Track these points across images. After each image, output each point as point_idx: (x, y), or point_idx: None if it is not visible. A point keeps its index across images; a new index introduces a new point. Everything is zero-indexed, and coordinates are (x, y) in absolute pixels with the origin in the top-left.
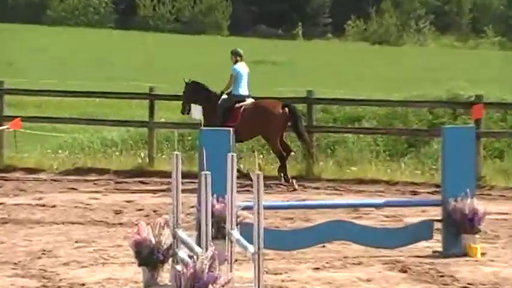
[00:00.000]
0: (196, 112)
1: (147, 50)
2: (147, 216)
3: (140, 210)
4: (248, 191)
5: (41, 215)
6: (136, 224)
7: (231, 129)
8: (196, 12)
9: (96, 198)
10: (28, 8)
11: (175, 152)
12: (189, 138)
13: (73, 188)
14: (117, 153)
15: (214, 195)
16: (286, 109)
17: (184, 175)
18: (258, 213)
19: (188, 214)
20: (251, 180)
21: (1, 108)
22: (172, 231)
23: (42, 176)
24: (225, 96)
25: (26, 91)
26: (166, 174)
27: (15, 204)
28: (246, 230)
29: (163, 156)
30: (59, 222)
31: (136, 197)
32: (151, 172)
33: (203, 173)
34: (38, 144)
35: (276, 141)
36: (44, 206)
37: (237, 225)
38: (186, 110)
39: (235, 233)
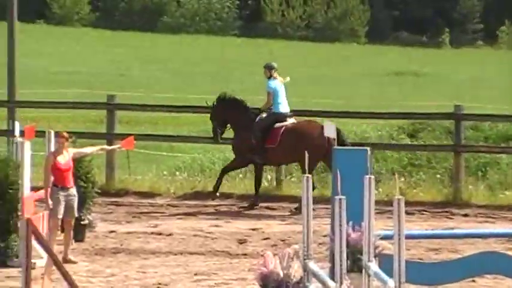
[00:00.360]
0: (330, 130)
1: (275, 59)
2: (274, 246)
3: (266, 239)
4: (388, 217)
5: (157, 244)
6: (262, 255)
7: (367, 148)
8: (330, 17)
9: (218, 226)
10: (143, 14)
11: (306, 175)
12: None
13: (192, 214)
14: (240, 175)
15: (350, 223)
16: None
17: (316, 200)
18: (399, 243)
19: (320, 244)
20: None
21: (112, 125)
22: (303, 263)
23: (157, 200)
24: (263, 114)
25: (140, 106)
26: (296, 199)
27: (128, 232)
28: (386, 262)
29: (293, 179)
30: (176, 252)
31: (262, 224)
32: (279, 197)
33: (337, 197)
34: (153, 165)
35: (311, 167)
36: (159, 234)
37: (375, 256)
38: (218, 134)
39: (373, 266)
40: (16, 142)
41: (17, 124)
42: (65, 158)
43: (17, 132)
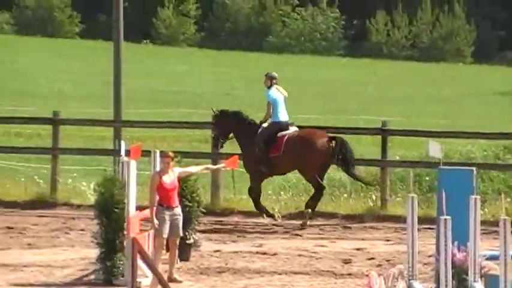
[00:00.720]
0: (435, 149)
1: (380, 79)
2: (379, 266)
3: (371, 259)
4: (494, 238)
5: (261, 264)
6: (367, 275)
7: (473, 168)
8: (435, 37)
9: (323, 246)
10: (248, 34)
11: (411, 194)
12: (427, 178)
13: (297, 234)
14: (345, 195)
15: (455, 243)
16: (333, 142)
17: (421, 220)
18: (505, 263)
19: (425, 264)
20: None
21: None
22: (408, 283)
23: (262, 220)
24: (265, 125)
25: None
26: (401, 219)
27: (233, 252)
28: (492, 283)
29: (398, 199)
30: (281, 272)
31: (367, 244)
32: (383, 216)
33: (442, 217)
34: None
35: (313, 173)
36: (264, 253)
37: (481, 277)
38: (219, 145)
39: (479, 286)
40: (122, 161)
41: (122, 143)
42: (170, 178)
43: (122, 152)
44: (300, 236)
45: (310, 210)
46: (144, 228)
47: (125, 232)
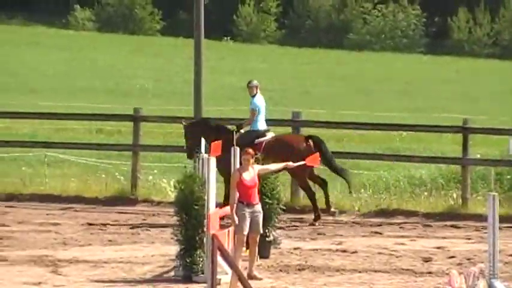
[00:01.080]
0: None
1: (461, 77)
2: (459, 264)
3: (452, 257)
4: None
5: (341, 262)
6: (447, 274)
7: None
8: None
9: (403, 244)
10: (329, 31)
11: (492, 193)
12: (508, 177)
13: (377, 232)
14: (426, 193)
15: None
16: (311, 142)
17: (502, 219)
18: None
19: (506, 263)
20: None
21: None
22: (488, 282)
23: (342, 218)
24: (242, 131)
25: (324, 123)
26: (482, 218)
27: (313, 249)
28: None
29: (479, 198)
30: (361, 270)
31: (448, 242)
32: (464, 215)
33: None
34: (338, 182)
35: (303, 176)
36: (344, 251)
37: None
38: (195, 152)
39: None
40: (202, 158)
41: (203, 141)
42: (250, 175)
43: (202, 149)
44: (380, 233)
45: (332, 208)
46: (223, 226)
47: (205, 229)
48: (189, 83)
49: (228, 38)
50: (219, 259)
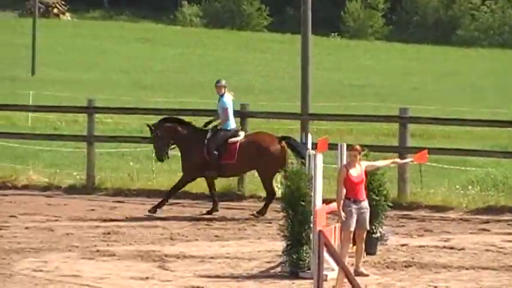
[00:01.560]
0: None
1: None
2: None
3: None
4: None
5: (448, 259)
6: None
7: None
8: None
9: (511, 241)
10: (436, 27)
11: None
12: None
13: (484, 229)
14: None
15: None
16: (284, 143)
17: None
18: None
19: None
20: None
21: (404, 138)
22: None
23: (449, 214)
24: (213, 131)
25: (432, 119)
26: None
27: (420, 246)
28: None
29: None
30: (468, 267)
31: None
32: None
33: None
34: (446, 179)
35: (271, 178)
36: (451, 248)
37: None
38: (165, 153)
39: None
40: (309, 155)
41: (309, 137)
42: (357, 171)
43: (309, 145)
44: (488, 230)
45: (260, 215)
46: (330, 222)
47: (311, 225)
48: (296, 79)
49: (336, 34)
50: (326, 255)
